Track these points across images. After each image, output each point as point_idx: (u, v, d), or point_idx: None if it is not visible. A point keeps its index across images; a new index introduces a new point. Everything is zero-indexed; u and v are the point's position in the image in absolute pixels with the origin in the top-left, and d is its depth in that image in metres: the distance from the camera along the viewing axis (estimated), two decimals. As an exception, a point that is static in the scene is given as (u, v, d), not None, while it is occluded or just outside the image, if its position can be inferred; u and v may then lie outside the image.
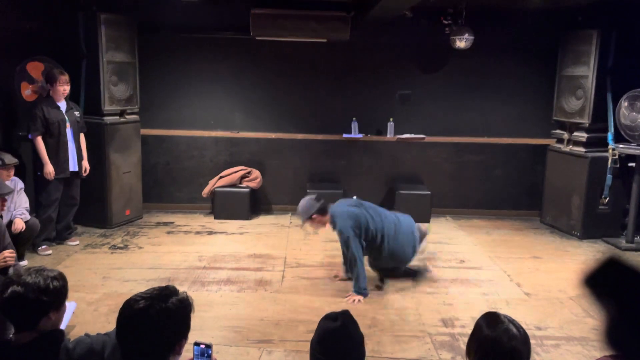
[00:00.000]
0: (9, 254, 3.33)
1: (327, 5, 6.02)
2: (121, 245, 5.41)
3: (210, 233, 5.92)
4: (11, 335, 2.06)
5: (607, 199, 5.85)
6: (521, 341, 1.74)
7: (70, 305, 3.05)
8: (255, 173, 6.56)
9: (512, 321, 1.79)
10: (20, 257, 4.43)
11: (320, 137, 6.74)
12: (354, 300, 4.21)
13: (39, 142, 5.04)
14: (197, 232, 5.92)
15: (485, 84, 6.69)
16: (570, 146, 6.10)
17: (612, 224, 5.95)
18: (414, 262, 4.76)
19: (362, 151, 6.79)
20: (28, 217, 4.68)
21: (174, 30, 6.42)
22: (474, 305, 4.18)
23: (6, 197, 3.60)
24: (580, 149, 5.95)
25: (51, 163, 5.07)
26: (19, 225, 4.51)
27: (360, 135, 6.70)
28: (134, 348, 1.72)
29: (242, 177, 6.50)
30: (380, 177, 6.82)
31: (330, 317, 1.97)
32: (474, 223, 6.59)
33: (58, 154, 5.13)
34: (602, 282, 1.11)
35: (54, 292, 2.00)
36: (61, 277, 2.07)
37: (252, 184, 6.49)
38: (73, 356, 1.96)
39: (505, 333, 1.73)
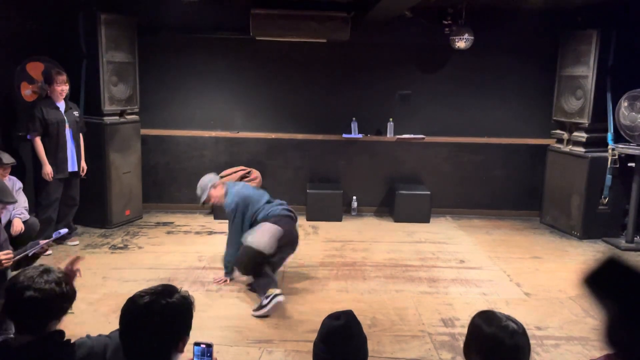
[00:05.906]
0: (5, 255, 3.25)
1: (327, 5, 6.02)
2: (121, 245, 5.41)
3: (210, 233, 5.91)
4: (11, 336, 2.05)
5: (607, 199, 5.85)
6: (522, 336, 1.75)
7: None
8: (255, 173, 6.56)
9: (509, 317, 1.80)
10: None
11: (320, 137, 6.73)
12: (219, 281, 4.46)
13: (38, 143, 5.03)
14: (197, 232, 5.92)
15: (485, 84, 6.69)
16: (570, 146, 6.10)
17: (612, 224, 5.94)
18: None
19: (362, 151, 6.78)
20: (27, 216, 4.67)
21: (174, 30, 6.42)
22: (474, 305, 4.18)
23: (7, 205, 3.54)
24: (580, 149, 5.95)
25: (50, 163, 5.06)
26: (18, 227, 4.48)
27: (360, 136, 6.69)
28: (138, 345, 1.70)
29: (242, 177, 6.49)
30: (380, 177, 6.82)
31: (333, 316, 1.96)
32: (474, 223, 6.59)
33: (57, 154, 5.12)
34: (602, 282, 1.11)
35: (69, 296, 2.01)
36: (67, 278, 2.07)
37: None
38: (74, 358, 1.95)
39: (506, 329, 1.74)
